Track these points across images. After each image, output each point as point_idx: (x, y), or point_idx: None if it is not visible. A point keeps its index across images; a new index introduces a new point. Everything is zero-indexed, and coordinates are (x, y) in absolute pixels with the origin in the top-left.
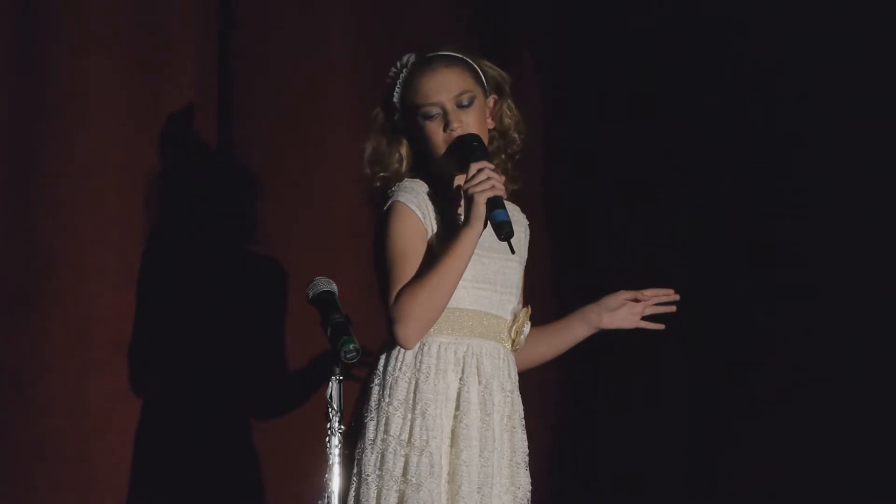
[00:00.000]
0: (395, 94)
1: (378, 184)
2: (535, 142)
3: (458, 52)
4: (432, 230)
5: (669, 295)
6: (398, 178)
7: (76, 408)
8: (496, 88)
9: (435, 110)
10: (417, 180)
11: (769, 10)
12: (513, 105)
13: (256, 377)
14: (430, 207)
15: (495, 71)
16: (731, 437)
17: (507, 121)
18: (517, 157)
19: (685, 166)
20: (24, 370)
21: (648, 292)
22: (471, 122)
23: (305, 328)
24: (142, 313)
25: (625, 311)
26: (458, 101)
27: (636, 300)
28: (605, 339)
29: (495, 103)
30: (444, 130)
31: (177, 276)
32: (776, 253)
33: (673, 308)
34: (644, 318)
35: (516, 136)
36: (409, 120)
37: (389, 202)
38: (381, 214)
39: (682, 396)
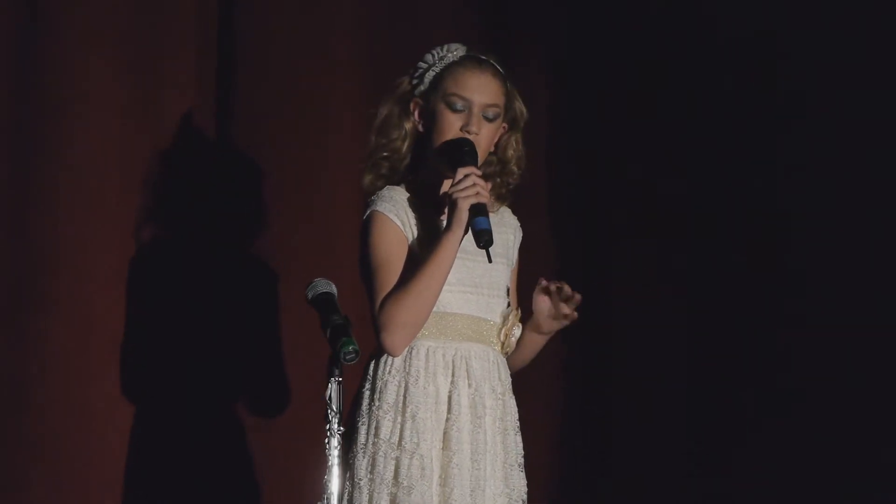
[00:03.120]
0: (431, 70)
1: (378, 156)
2: (537, 141)
3: (502, 70)
4: (413, 237)
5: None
6: (398, 156)
7: (75, 408)
8: (512, 120)
9: (463, 105)
10: (397, 188)
11: (769, 9)
12: (520, 140)
13: (256, 378)
14: (410, 214)
15: (519, 104)
16: (733, 438)
17: (510, 152)
18: (511, 186)
19: (685, 166)
20: (22, 370)
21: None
22: (485, 136)
23: (305, 329)
24: (141, 314)
25: (549, 312)
26: (487, 110)
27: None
28: (605, 341)
29: (504, 132)
30: (462, 129)
31: (176, 277)
32: (776, 253)
33: (577, 297)
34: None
35: (515, 169)
36: (429, 99)
37: (369, 211)
38: (361, 224)
39: (683, 397)
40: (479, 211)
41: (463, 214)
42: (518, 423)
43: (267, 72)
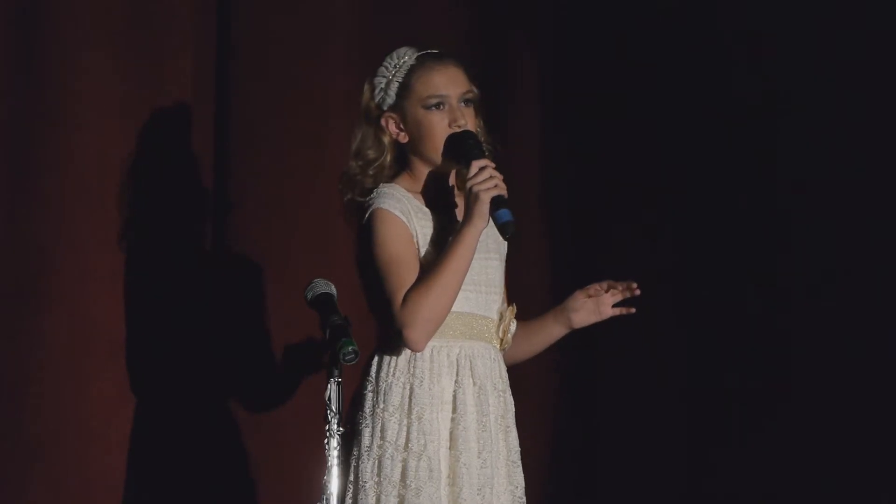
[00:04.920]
0: (393, 82)
1: (358, 177)
2: (532, 142)
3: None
4: (415, 234)
5: (631, 288)
6: (382, 170)
7: (74, 408)
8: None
9: (441, 101)
10: (394, 185)
11: (769, 9)
12: (478, 114)
13: (255, 379)
14: (412, 212)
15: (476, 84)
16: (729, 435)
17: (477, 130)
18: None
19: (684, 167)
20: (21, 371)
21: (606, 284)
22: (471, 122)
23: (304, 329)
24: (140, 314)
25: (590, 306)
26: (464, 96)
27: (600, 292)
28: (604, 338)
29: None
30: (450, 125)
31: (174, 277)
32: (776, 253)
33: (637, 291)
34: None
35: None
36: (403, 109)
37: (371, 210)
38: (363, 224)
39: (683, 395)
40: (499, 203)
41: (485, 207)
42: (515, 420)
43: (264, 71)
